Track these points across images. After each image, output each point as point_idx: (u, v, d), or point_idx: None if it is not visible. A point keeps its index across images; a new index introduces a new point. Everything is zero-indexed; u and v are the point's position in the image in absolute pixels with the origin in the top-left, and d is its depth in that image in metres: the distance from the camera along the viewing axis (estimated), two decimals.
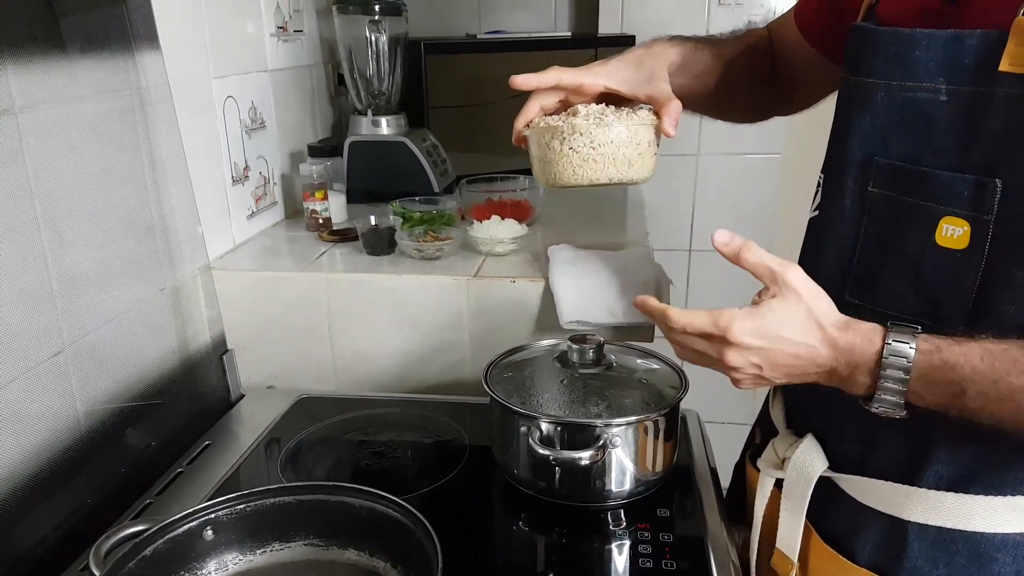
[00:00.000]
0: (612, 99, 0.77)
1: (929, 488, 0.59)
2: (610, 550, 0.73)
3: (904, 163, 0.57)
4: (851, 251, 0.62)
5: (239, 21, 1.16)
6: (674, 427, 0.80)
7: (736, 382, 0.60)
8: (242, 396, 1.07)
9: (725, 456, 0.90)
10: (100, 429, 0.82)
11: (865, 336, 0.55)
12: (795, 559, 0.68)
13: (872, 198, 0.59)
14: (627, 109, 0.77)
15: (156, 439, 0.90)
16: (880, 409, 0.55)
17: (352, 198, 1.35)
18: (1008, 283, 0.52)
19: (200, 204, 1.03)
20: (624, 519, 0.76)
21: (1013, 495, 0.57)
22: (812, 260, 0.66)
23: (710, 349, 0.59)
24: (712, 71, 0.78)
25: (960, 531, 0.58)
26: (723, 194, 1.79)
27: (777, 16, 0.85)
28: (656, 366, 0.88)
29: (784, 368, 0.57)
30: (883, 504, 0.61)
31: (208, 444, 0.91)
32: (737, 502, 0.83)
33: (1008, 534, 0.57)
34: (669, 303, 0.99)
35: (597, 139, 0.74)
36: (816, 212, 0.67)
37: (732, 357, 0.57)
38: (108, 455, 0.82)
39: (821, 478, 0.65)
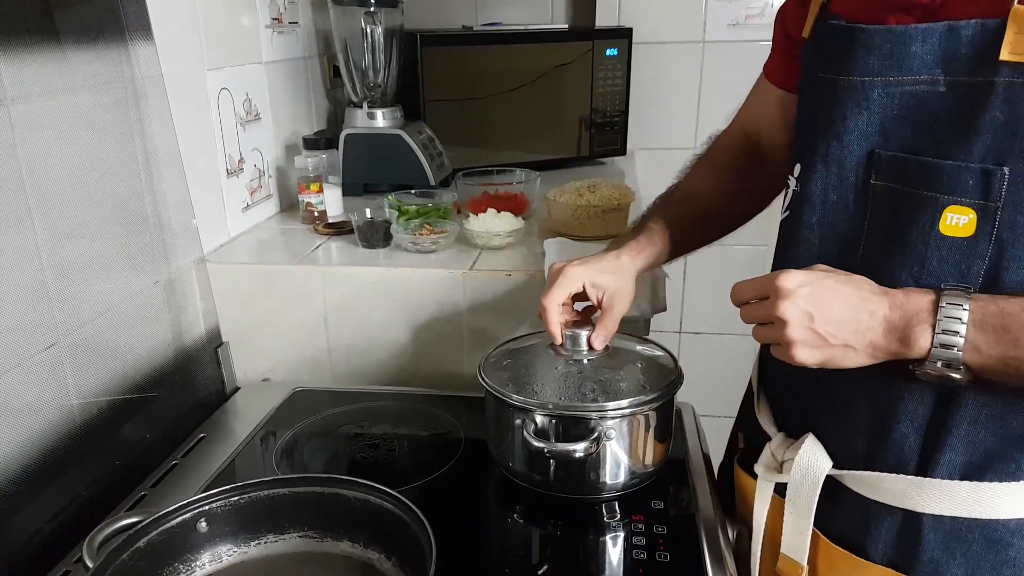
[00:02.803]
0: None
1: (943, 478, 0.58)
2: (604, 542, 0.74)
3: (907, 154, 0.57)
4: (856, 245, 0.61)
5: (233, 13, 1.16)
6: (669, 420, 0.80)
7: (792, 346, 0.57)
8: (237, 389, 1.07)
9: (720, 449, 0.91)
10: (95, 421, 0.82)
11: (917, 291, 0.55)
12: (804, 563, 0.66)
13: (875, 191, 0.59)
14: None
15: (151, 431, 0.90)
16: (938, 368, 0.53)
17: (348, 191, 1.35)
18: (1022, 266, 0.53)
19: (194, 196, 1.02)
20: (618, 511, 0.77)
21: None
22: (783, 262, 0.66)
23: (767, 308, 0.58)
24: (683, 241, 0.83)
25: (976, 520, 0.58)
26: None
27: (747, 102, 0.85)
28: (652, 359, 0.88)
29: (836, 316, 0.55)
30: (895, 498, 0.61)
31: (203, 436, 0.91)
32: (724, 498, 0.83)
33: (1023, 519, 0.58)
34: (665, 296, 1.01)
35: None
36: (787, 212, 0.67)
37: (784, 307, 0.56)
38: (103, 447, 0.82)
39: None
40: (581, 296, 0.80)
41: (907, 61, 0.56)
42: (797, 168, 0.66)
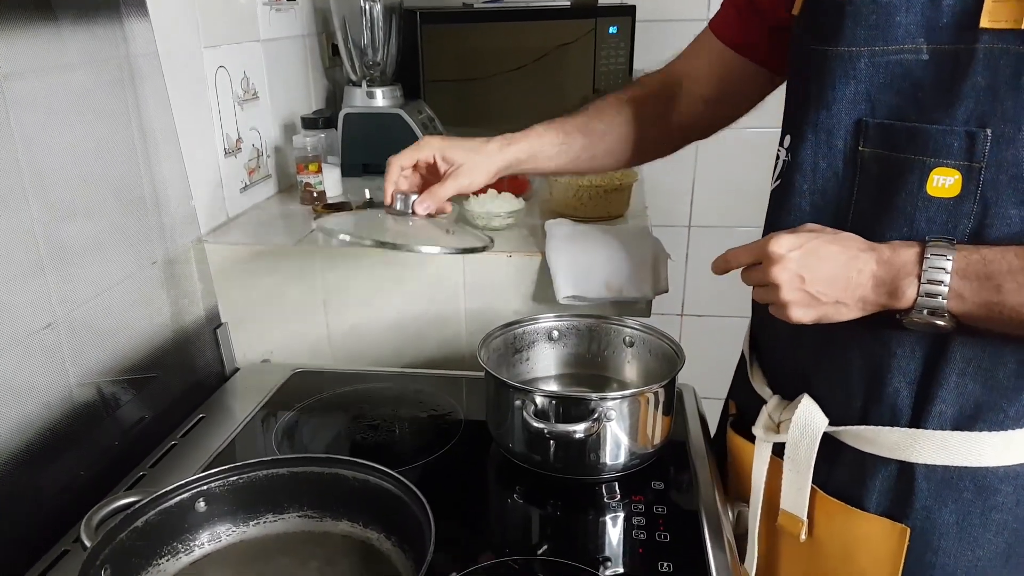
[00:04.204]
0: None
1: (935, 429, 0.61)
2: (604, 522, 0.73)
3: (893, 121, 0.59)
4: (846, 210, 0.64)
5: None
6: (670, 402, 0.80)
7: (787, 307, 0.60)
8: (237, 370, 1.06)
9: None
10: (93, 401, 0.82)
11: (902, 244, 0.57)
12: (804, 516, 0.69)
13: (863, 157, 0.62)
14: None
15: (150, 412, 0.90)
16: (924, 317, 0.56)
17: (347, 172, 1.34)
18: (1005, 223, 0.56)
19: (192, 176, 1.01)
20: (619, 491, 0.77)
21: (1014, 429, 0.60)
22: (775, 229, 0.67)
23: (761, 272, 0.61)
24: (566, 149, 0.84)
25: (966, 468, 0.61)
26: (723, 169, 1.77)
27: (685, 51, 0.86)
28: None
29: (825, 275, 0.58)
30: (889, 450, 0.64)
31: (202, 417, 0.91)
32: (721, 469, 0.83)
33: (1010, 466, 0.61)
34: (667, 277, 1.00)
35: None
36: (778, 181, 0.69)
37: (775, 272, 0.59)
38: (101, 427, 0.82)
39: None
40: (433, 168, 0.81)
41: (892, 31, 0.58)
42: (787, 139, 0.68)
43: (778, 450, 0.71)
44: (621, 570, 0.66)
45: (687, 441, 0.85)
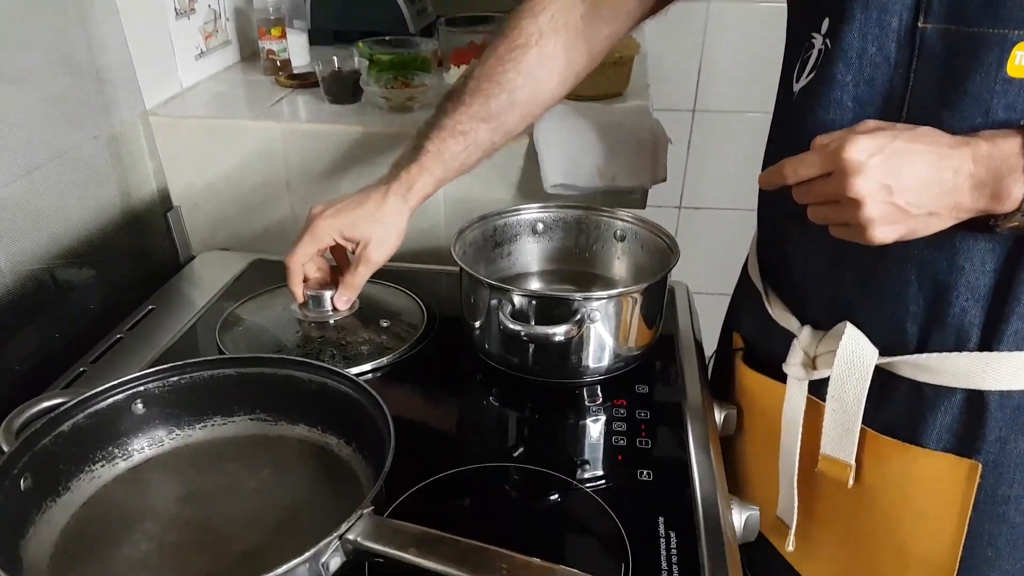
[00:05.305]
0: None
1: (1009, 351, 0.54)
2: (584, 426, 0.69)
3: None
4: (900, 101, 0.53)
5: None
6: (660, 301, 0.74)
7: (869, 226, 0.50)
8: (192, 258, 0.99)
9: (714, 324, 0.84)
10: (29, 289, 0.75)
11: (1000, 135, 0.48)
12: (851, 461, 0.63)
13: (924, 35, 0.51)
14: None
15: (94, 302, 0.83)
16: None
17: (315, 38, 1.20)
18: None
19: (138, 40, 0.89)
20: (600, 395, 0.72)
21: None
22: (809, 130, 0.56)
23: (834, 186, 0.50)
24: (474, 147, 0.72)
25: None
26: (735, 46, 1.62)
27: None
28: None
29: (916, 183, 0.48)
30: (956, 379, 0.57)
31: (152, 309, 0.84)
32: (714, 384, 0.79)
33: None
34: (666, 162, 0.90)
35: None
36: (812, 75, 0.57)
37: (857, 184, 0.48)
38: (39, 318, 0.76)
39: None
40: (339, 250, 0.74)
41: None
42: (825, 23, 0.56)
43: (813, 387, 0.64)
44: (600, 472, 0.62)
45: (676, 339, 0.79)
